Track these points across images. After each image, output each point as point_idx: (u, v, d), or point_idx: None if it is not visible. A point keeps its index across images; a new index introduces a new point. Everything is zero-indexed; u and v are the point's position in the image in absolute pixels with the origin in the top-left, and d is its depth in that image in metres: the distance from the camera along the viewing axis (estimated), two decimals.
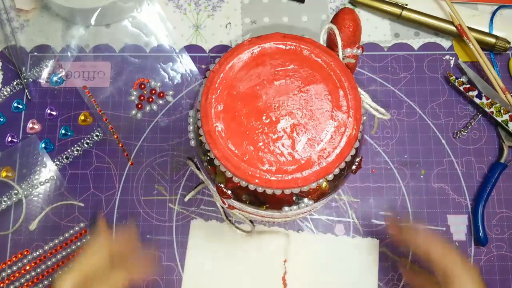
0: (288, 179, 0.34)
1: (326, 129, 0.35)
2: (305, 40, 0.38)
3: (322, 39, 0.40)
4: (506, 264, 0.51)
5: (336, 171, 0.35)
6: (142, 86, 0.56)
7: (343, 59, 0.40)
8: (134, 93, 0.55)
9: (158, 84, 0.56)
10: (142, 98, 0.55)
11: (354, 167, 0.39)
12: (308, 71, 0.37)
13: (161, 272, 0.50)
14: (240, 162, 0.35)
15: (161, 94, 0.55)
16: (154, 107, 0.55)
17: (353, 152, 0.36)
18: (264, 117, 0.36)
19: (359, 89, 0.37)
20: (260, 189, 0.35)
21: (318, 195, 0.39)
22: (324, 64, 0.37)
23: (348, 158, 0.36)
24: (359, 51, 0.48)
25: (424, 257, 0.41)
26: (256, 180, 0.34)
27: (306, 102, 0.36)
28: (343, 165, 0.35)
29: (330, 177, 0.35)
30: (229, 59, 0.37)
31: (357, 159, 0.39)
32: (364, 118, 0.38)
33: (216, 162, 0.35)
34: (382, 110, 0.40)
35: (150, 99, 0.55)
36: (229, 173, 0.35)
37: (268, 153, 0.35)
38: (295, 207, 0.38)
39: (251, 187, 0.35)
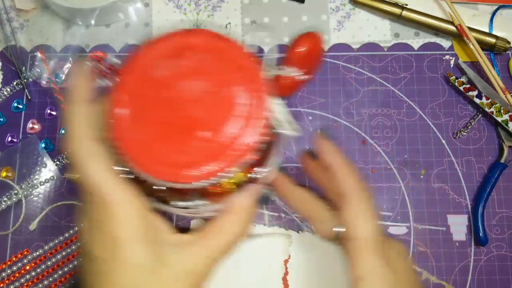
0: (178, 174, 0.34)
1: (229, 132, 0.35)
2: (231, 42, 0.38)
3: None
4: (506, 264, 0.51)
5: (229, 174, 0.35)
6: None
7: (274, 72, 0.40)
8: None
9: None
10: None
11: (261, 176, 0.39)
12: (226, 72, 0.37)
13: None
14: (137, 150, 0.34)
15: None
16: None
17: (251, 160, 0.36)
18: (170, 109, 0.35)
19: (275, 101, 0.37)
20: (150, 179, 0.34)
21: (221, 195, 0.39)
22: (243, 69, 0.37)
23: (244, 165, 0.35)
24: (305, 76, 0.48)
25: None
26: (150, 171, 0.34)
27: (216, 102, 0.36)
28: (236, 169, 0.35)
29: (219, 179, 0.35)
30: (151, 46, 0.37)
31: (259, 168, 0.39)
32: (280, 131, 0.38)
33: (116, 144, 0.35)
34: (294, 126, 0.40)
35: None
36: (123, 158, 0.34)
37: (167, 145, 0.35)
38: (190, 203, 0.38)
39: (143, 176, 0.34)
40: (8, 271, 0.50)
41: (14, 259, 0.50)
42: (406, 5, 0.57)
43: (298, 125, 0.40)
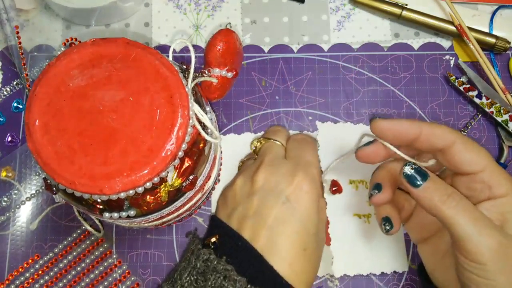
0: (94, 185, 0.34)
1: (145, 142, 0.35)
2: (149, 50, 0.37)
3: (171, 51, 0.40)
4: None
5: (148, 185, 0.35)
6: None
7: (196, 77, 0.40)
8: None
9: None
10: None
11: (185, 184, 0.38)
12: (143, 80, 0.36)
13: (161, 272, 0.50)
14: (50, 159, 0.34)
15: None
16: None
17: (170, 169, 0.35)
18: (86, 119, 0.35)
19: (198, 107, 0.37)
20: (69, 191, 0.34)
21: (151, 206, 0.39)
22: (161, 77, 0.36)
23: (164, 174, 0.35)
24: (229, 74, 0.48)
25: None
26: (62, 181, 0.34)
27: (132, 111, 0.35)
28: (156, 179, 0.35)
29: (140, 190, 0.35)
30: (67, 55, 0.37)
31: (191, 177, 0.39)
32: (206, 137, 0.38)
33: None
34: (216, 134, 0.40)
35: None
36: (41, 170, 0.35)
37: (82, 155, 0.34)
38: (115, 214, 0.37)
39: (61, 187, 0.34)
40: (22, 278, 0.50)
41: (20, 269, 0.50)
42: (406, 5, 0.57)
43: (218, 133, 0.40)
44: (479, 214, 0.33)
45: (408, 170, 0.35)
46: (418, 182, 0.34)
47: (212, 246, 0.35)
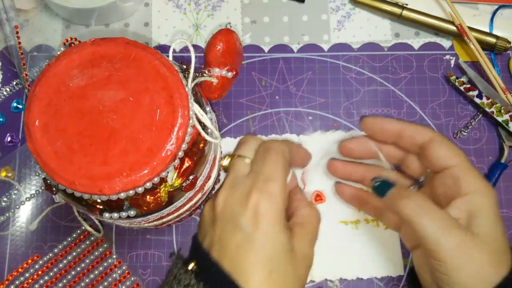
0: (93, 185, 0.34)
1: (145, 142, 0.35)
2: (149, 50, 0.37)
3: (171, 52, 0.40)
4: None
5: (148, 185, 0.35)
6: None
7: (197, 77, 0.39)
8: None
9: None
10: None
11: (185, 184, 0.38)
12: (143, 80, 0.36)
13: (161, 272, 0.50)
14: (50, 159, 0.34)
15: None
16: None
17: (170, 170, 0.35)
18: (86, 119, 0.35)
19: (198, 107, 0.37)
20: (69, 191, 0.34)
21: (151, 207, 0.38)
22: (161, 77, 0.36)
23: (164, 174, 0.35)
24: (229, 74, 0.47)
25: None
26: (62, 181, 0.34)
27: (132, 111, 0.35)
28: (156, 180, 0.35)
29: (140, 190, 0.35)
30: (67, 55, 0.37)
31: (191, 177, 0.38)
32: (206, 137, 0.38)
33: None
34: (216, 133, 0.39)
35: None
36: (41, 170, 0.35)
37: (82, 155, 0.34)
38: (115, 214, 0.37)
39: (61, 187, 0.34)
40: (22, 278, 0.50)
41: (20, 269, 0.50)
42: (406, 5, 0.57)
43: (218, 133, 0.40)
44: (440, 214, 0.35)
45: (374, 183, 0.40)
46: (384, 192, 0.38)
47: (192, 271, 0.35)
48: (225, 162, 0.38)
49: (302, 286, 0.36)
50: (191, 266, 0.34)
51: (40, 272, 0.50)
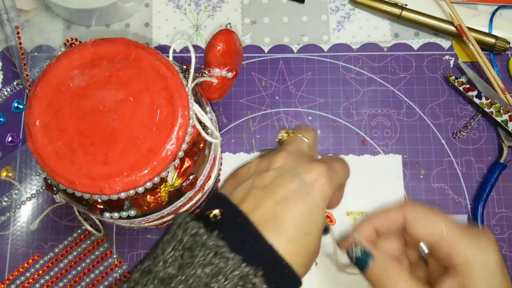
0: (94, 185, 0.34)
1: (145, 142, 0.35)
2: (149, 50, 0.37)
3: (171, 52, 0.40)
4: (506, 264, 0.51)
5: (148, 185, 0.35)
6: None
7: (197, 77, 0.39)
8: None
9: None
10: None
11: (185, 184, 0.38)
12: (143, 81, 0.36)
13: None
14: (51, 159, 0.34)
15: None
16: None
17: (171, 169, 0.35)
18: (86, 119, 0.35)
19: (198, 107, 0.37)
20: (70, 190, 0.34)
21: (151, 206, 0.38)
22: (161, 77, 0.36)
23: (164, 174, 0.35)
24: (229, 74, 0.48)
25: None
26: (63, 181, 0.34)
27: (132, 111, 0.35)
28: (157, 179, 0.35)
29: (140, 190, 0.35)
30: (67, 56, 0.37)
31: (191, 177, 0.39)
32: (206, 137, 0.38)
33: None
34: (216, 133, 0.39)
35: None
36: (41, 170, 0.35)
37: (82, 155, 0.34)
38: (116, 214, 0.37)
39: (62, 187, 0.34)
40: (22, 278, 0.50)
41: (21, 269, 0.51)
42: (406, 5, 0.57)
43: (218, 133, 0.40)
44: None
45: (352, 253, 0.36)
46: (364, 265, 0.36)
47: (213, 219, 0.32)
48: (283, 135, 0.39)
49: (313, 261, 0.35)
50: (216, 211, 0.32)
51: (40, 272, 0.50)
